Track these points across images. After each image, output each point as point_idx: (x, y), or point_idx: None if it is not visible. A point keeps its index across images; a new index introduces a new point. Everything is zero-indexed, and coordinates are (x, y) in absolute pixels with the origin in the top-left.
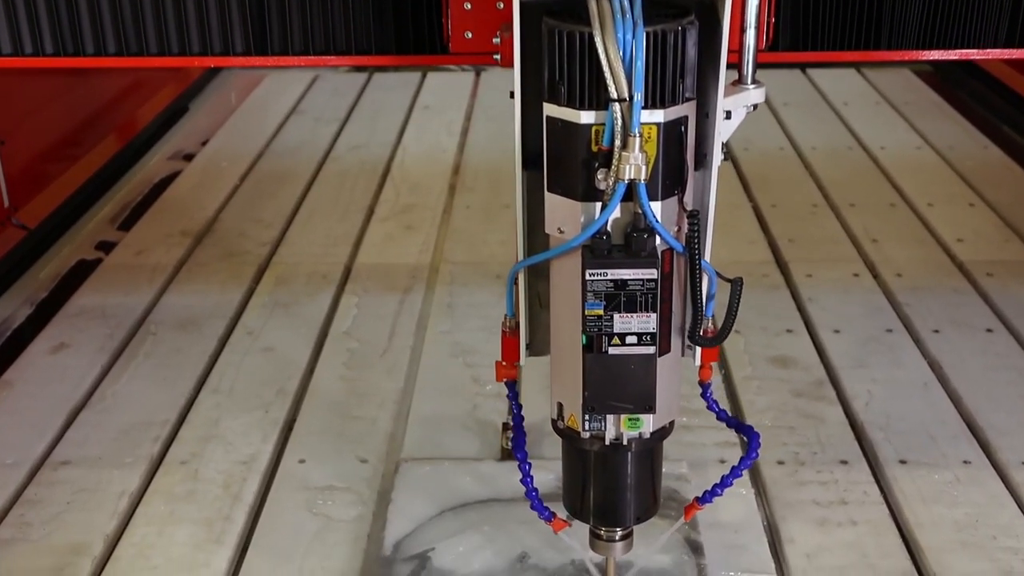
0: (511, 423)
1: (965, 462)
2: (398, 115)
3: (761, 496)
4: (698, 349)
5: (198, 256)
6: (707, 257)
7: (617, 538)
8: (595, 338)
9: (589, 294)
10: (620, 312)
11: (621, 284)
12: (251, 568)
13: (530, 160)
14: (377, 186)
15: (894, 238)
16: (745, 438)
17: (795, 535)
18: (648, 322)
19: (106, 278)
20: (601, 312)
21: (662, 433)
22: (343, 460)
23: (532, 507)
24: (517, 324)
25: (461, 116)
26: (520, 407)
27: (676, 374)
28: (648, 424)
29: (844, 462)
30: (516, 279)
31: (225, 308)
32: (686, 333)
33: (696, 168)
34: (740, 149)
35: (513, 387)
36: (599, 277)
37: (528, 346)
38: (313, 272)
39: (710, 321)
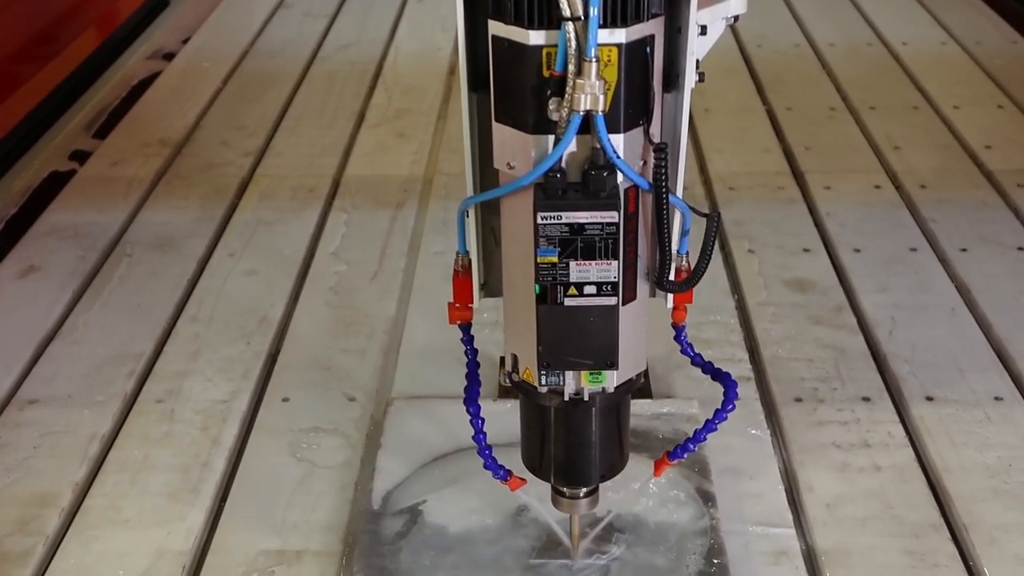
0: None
1: (996, 398)
2: (391, 8)
3: (777, 438)
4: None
5: (177, 167)
6: (679, 191)
7: (581, 495)
8: (549, 288)
9: (541, 239)
10: (577, 259)
11: (577, 228)
12: (229, 523)
13: (480, 81)
14: (368, 89)
15: (917, 144)
16: (723, 386)
17: (814, 483)
18: (609, 270)
19: (79, 192)
20: (555, 259)
21: (629, 386)
22: (329, 398)
23: (485, 466)
24: (470, 263)
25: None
26: (475, 352)
27: (643, 322)
28: (612, 379)
29: (866, 399)
30: (467, 214)
31: (205, 226)
32: (651, 277)
33: (666, 90)
34: (753, 46)
35: (468, 330)
36: (552, 221)
37: (483, 286)
38: (299, 186)
39: (684, 259)
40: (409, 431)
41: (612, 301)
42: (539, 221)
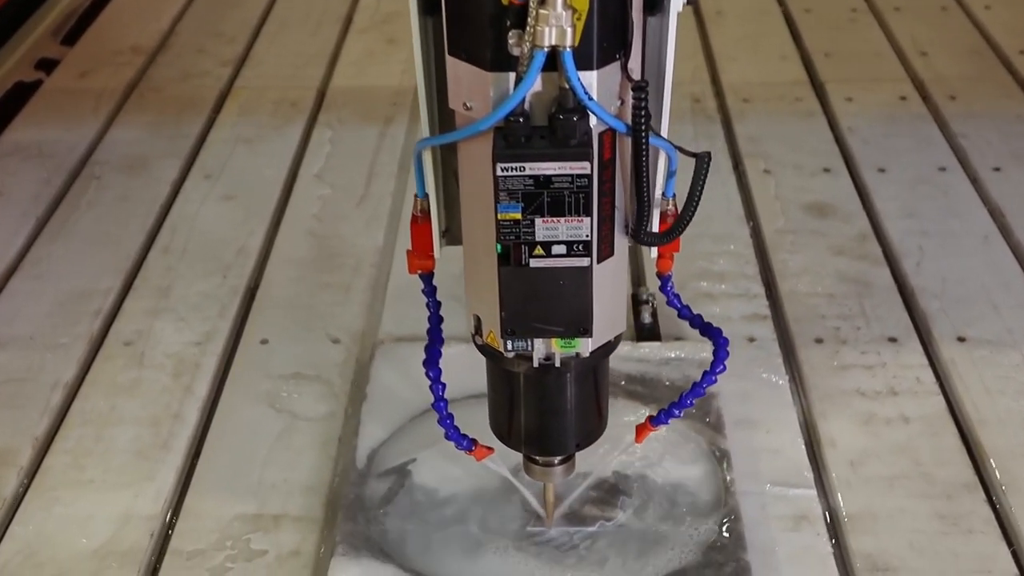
0: None
1: None
2: None
3: (797, 384)
4: (654, 225)
5: (150, 78)
6: (664, 129)
7: (556, 463)
8: (512, 248)
9: (502, 193)
10: (544, 216)
11: (543, 181)
12: (201, 483)
13: (433, 2)
14: None
15: (946, 50)
16: (712, 343)
17: (837, 437)
18: (580, 228)
19: (45, 106)
20: (519, 216)
21: (607, 349)
22: (312, 340)
23: (447, 436)
24: (430, 207)
25: None
26: (438, 305)
27: (621, 280)
28: (586, 344)
29: (893, 340)
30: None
31: (180, 144)
32: (628, 230)
33: (649, 14)
34: None
35: (429, 280)
36: (514, 172)
37: (444, 233)
38: (281, 99)
39: (671, 202)
40: (398, 378)
41: (584, 262)
42: (499, 173)
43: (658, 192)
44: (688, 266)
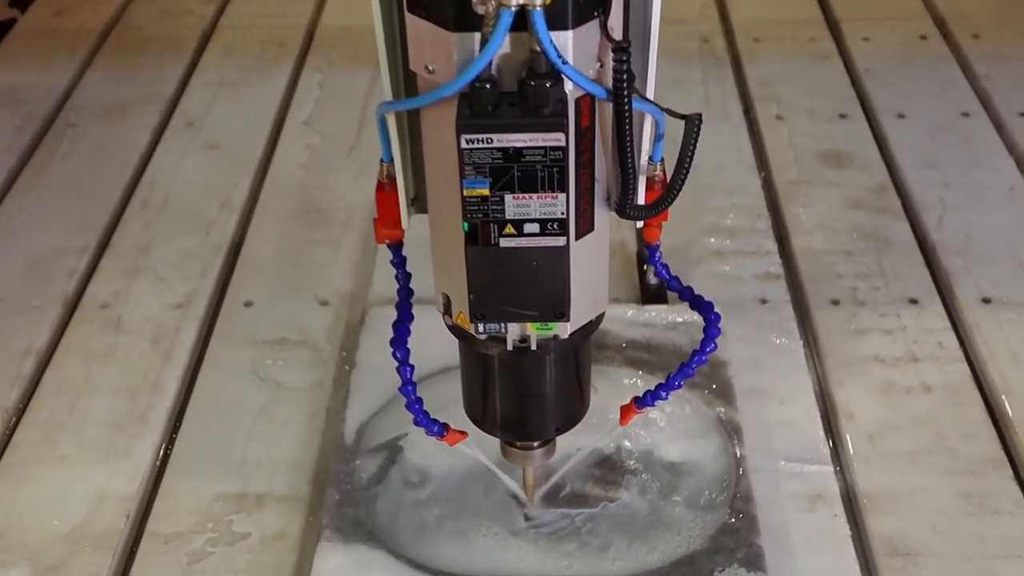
0: None
1: None
2: None
3: (811, 350)
4: (640, 193)
5: (130, 17)
6: (650, 93)
7: (535, 445)
8: (480, 226)
9: (468, 168)
10: (514, 192)
11: (513, 154)
12: (181, 460)
13: None
14: None
15: None
16: (703, 317)
17: (855, 408)
18: (555, 205)
19: (19, 47)
20: (487, 192)
21: (588, 329)
22: (299, 301)
23: (416, 422)
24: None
25: None
26: (407, 278)
27: (602, 256)
28: (564, 327)
29: (914, 301)
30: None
31: (161, 89)
32: (612, 202)
33: None
34: None
35: (399, 251)
36: (481, 144)
37: (413, 201)
38: (268, 39)
39: (659, 167)
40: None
41: (560, 242)
42: (464, 145)
43: (644, 157)
44: (697, 221)
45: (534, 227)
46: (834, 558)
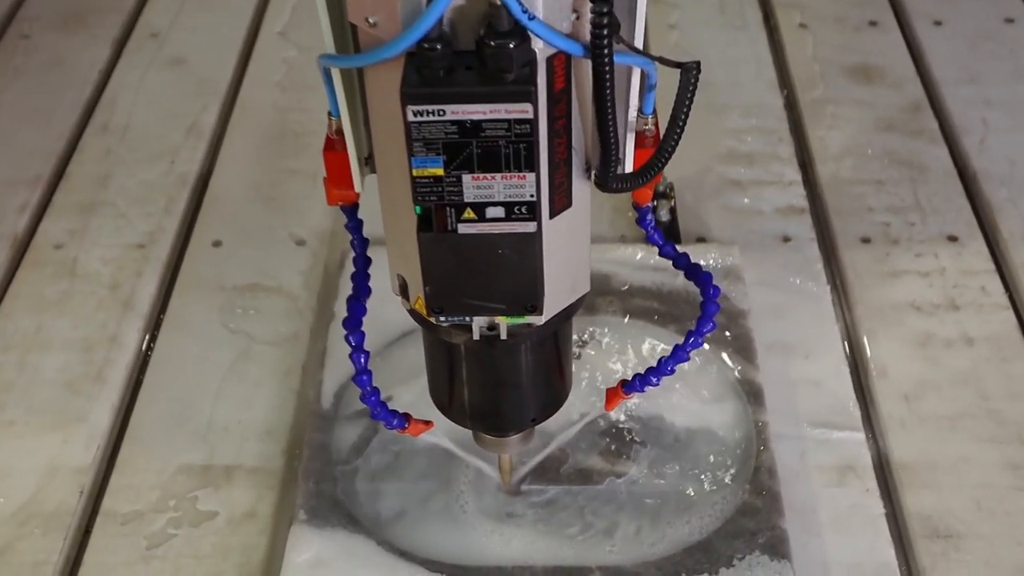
0: None
1: None
2: None
3: (840, 295)
4: (628, 153)
5: None
6: (638, 39)
7: (510, 434)
8: (434, 210)
9: (417, 144)
10: (473, 172)
11: (471, 128)
12: (141, 425)
13: None
14: None
15: None
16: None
17: (888, 363)
18: (522, 186)
19: None
20: (441, 171)
21: (568, 312)
22: (273, 241)
23: (373, 415)
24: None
25: None
26: (365, 245)
27: (582, 234)
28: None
29: (953, 239)
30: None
31: None
32: (592, 173)
33: None
34: None
35: (354, 214)
36: (431, 117)
37: (367, 160)
38: None
39: (650, 120)
40: (373, 293)
41: (529, 227)
42: (411, 118)
43: (633, 113)
44: (713, 145)
45: (498, 211)
46: (866, 541)
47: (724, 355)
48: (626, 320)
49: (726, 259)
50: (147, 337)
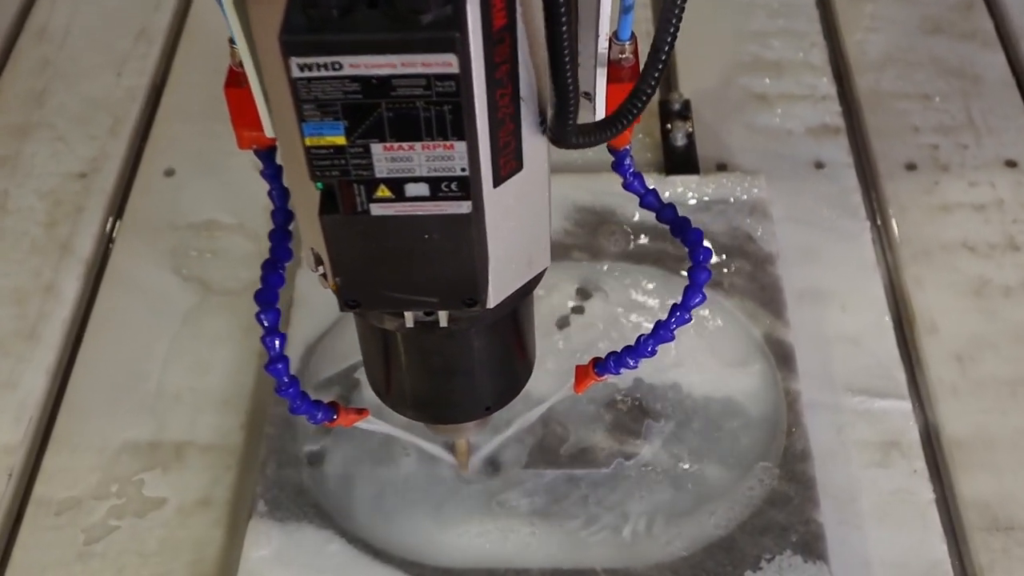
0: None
1: None
2: None
3: (880, 233)
4: (599, 92)
5: None
6: None
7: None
8: (339, 188)
9: (308, 107)
10: (385, 140)
11: (378, 86)
12: (79, 394)
13: None
14: None
15: None
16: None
17: (938, 316)
18: (450, 158)
19: None
20: (343, 140)
21: (527, 288)
22: (233, 170)
23: (291, 409)
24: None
25: None
26: (285, 195)
27: (538, 199)
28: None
29: (1012, 164)
30: None
31: None
32: (547, 125)
33: None
34: None
35: (270, 160)
36: (324, 72)
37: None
38: None
39: (628, 47)
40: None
41: (462, 207)
42: (296, 73)
43: (604, 42)
44: (734, 51)
45: (421, 188)
46: (914, 534)
47: (750, 308)
48: (631, 266)
49: (751, 191)
50: (88, 286)
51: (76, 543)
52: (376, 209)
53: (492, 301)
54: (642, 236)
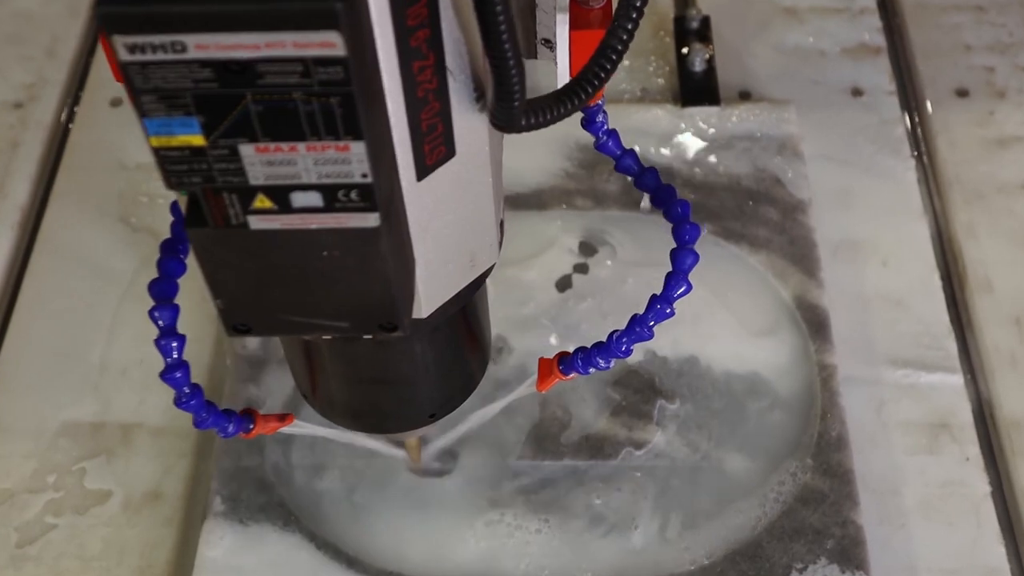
0: None
1: None
2: None
3: (927, 172)
4: (560, 43)
5: None
6: None
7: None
8: (205, 197)
9: (147, 98)
10: (257, 141)
11: (238, 73)
12: (12, 366)
13: None
14: None
15: None
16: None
17: (992, 273)
18: (345, 161)
19: None
20: (200, 140)
21: (471, 289)
22: None
23: (196, 423)
24: None
25: None
26: None
27: (481, 182)
28: (419, 307)
29: None
30: None
31: None
32: (486, 105)
33: None
34: None
35: None
36: (164, 55)
37: None
38: None
39: None
40: None
41: (368, 220)
42: (124, 56)
43: None
44: None
45: (312, 197)
46: (966, 535)
47: (777, 266)
48: (643, 217)
49: (779, 124)
50: (23, 239)
51: (7, 544)
52: (256, 222)
53: (424, 311)
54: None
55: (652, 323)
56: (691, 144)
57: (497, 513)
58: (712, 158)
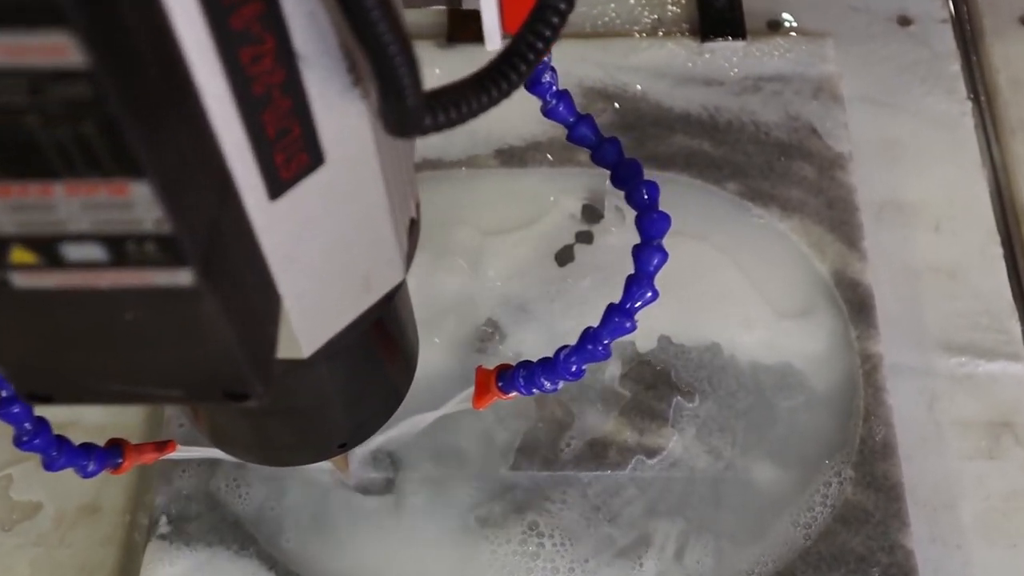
0: None
1: None
2: None
3: (986, 119)
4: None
5: None
6: None
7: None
8: None
9: None
10: (4, 179)
11: None
12: None
13: None
14: None
15: None
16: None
17: None
18: (125, 206)
19: None
20: None
21: (379, 308)
22: None
23: (46, 467)
24: None
25: None
26: None
27: (372, 189)
28: (299, 347)
29: None
30: None
31: None
32: (375, 104)
33: None
34: None
35: None
36: None
37: None
38: None
39: None
40: None
41: (176, 277)
42: None
43: None
44: None
45: (92, 250)
46: None
47: (812, 232)
48: (656, 174)
49: (814, 62)
50: None
51: None
52: (20, 279)
53: (306, 350)
54: (671, 129)
55: (607, 341)
56: (713, 85)
57: (485, 532)
58: (737, 100)
